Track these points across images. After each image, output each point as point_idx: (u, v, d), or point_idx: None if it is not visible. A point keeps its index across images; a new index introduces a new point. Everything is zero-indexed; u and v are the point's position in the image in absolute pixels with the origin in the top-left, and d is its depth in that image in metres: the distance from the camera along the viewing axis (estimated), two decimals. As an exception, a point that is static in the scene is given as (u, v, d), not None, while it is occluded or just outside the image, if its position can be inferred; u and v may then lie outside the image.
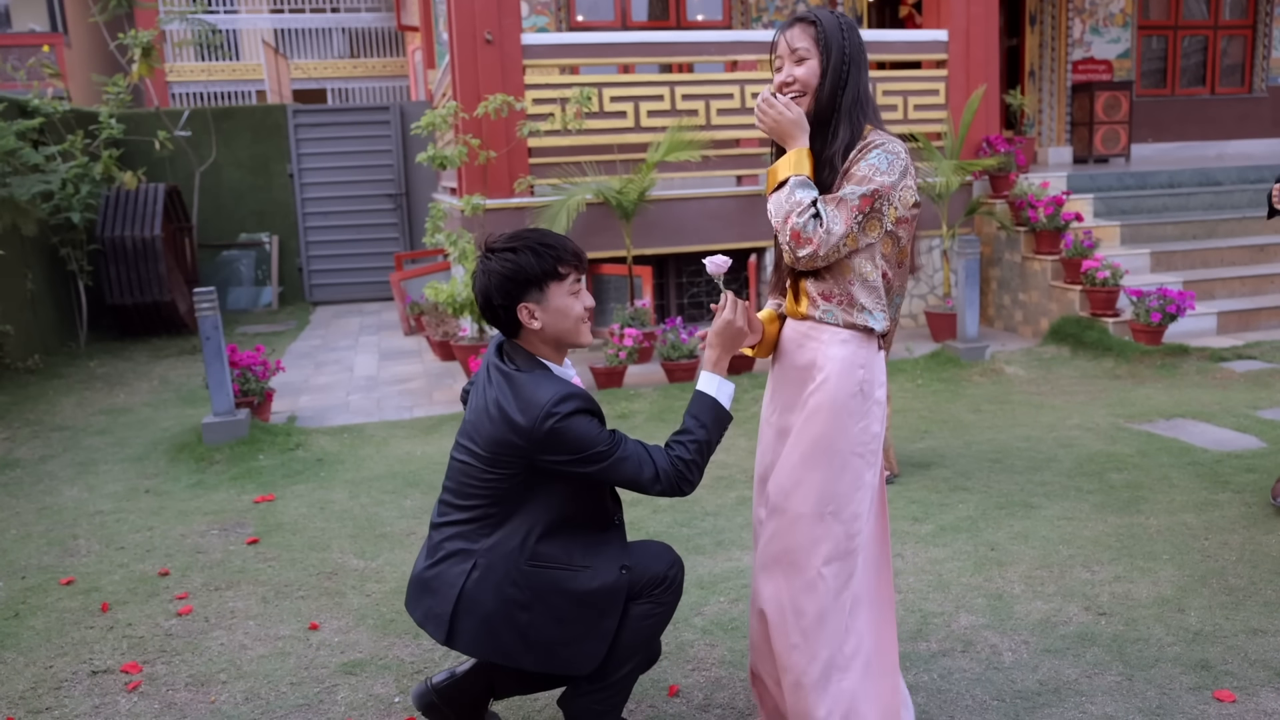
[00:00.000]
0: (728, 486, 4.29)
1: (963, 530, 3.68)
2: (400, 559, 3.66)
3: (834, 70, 2.08)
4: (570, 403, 2.05)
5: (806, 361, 2.16)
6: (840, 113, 2.08)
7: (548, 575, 2.11)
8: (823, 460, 2.11)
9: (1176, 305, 6.27)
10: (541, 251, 2.10)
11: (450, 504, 2.20)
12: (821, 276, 2.12)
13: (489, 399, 2.12)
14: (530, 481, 2.10)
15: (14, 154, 7.32)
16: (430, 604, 2.16)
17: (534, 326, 2.13)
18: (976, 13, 7.69)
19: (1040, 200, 7.17)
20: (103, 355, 8.26)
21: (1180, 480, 4.12)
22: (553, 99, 6.78)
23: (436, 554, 2.18)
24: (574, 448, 2.04)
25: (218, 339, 5.18)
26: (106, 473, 4.98)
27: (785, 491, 2.15)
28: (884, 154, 2.02)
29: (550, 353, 2.19)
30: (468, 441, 2.17)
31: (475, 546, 2.12)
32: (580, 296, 2.17)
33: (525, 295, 2.11)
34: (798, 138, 2.08)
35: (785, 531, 2.15)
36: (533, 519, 2.11)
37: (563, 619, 2.12)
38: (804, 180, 2.05)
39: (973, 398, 5.67)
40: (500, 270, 2.10)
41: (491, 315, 2.16)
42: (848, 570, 2.13)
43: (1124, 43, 11.30)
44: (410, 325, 8.66)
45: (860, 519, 2.14)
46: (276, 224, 11.17)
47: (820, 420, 2.12)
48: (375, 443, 5.28)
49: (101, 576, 3.63)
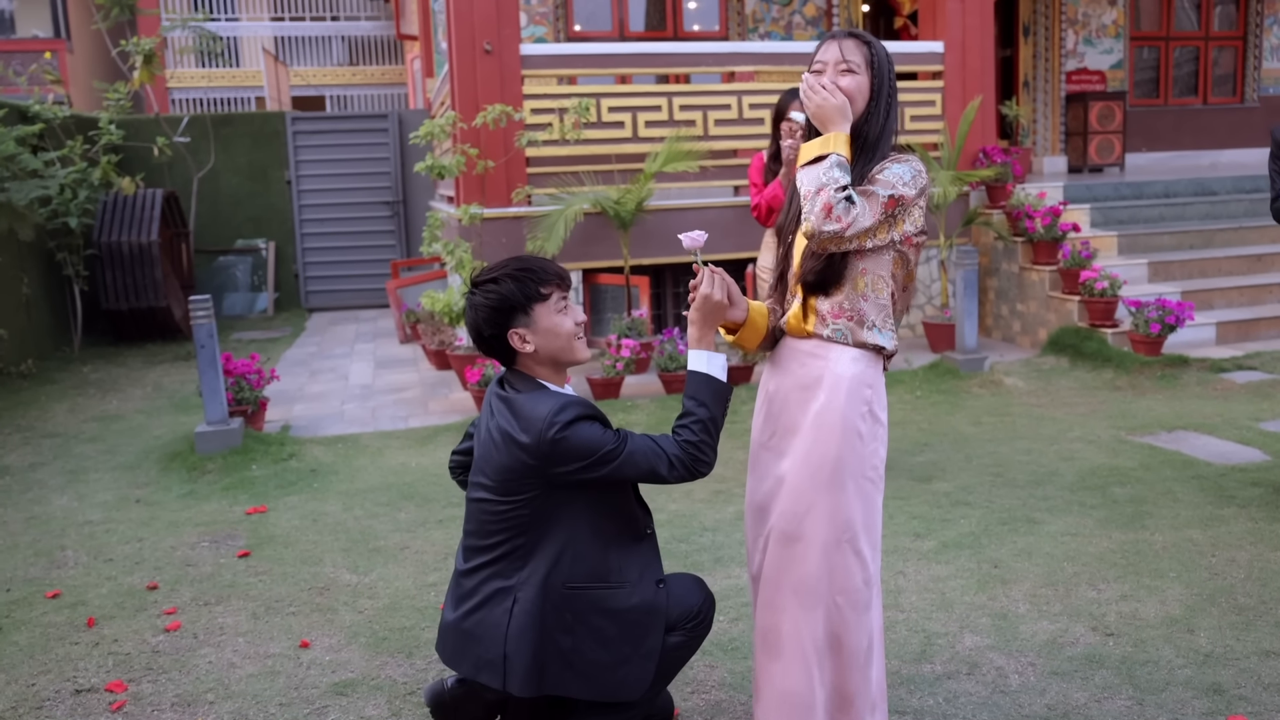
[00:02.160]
0: (726, 501, 4.24)
1: (965, 547, 3.63)
2: (394, 574, 3.60)
3: (881, 95, 2.10)
4: (570, 410, 2.06)
5: (811, 380, 2.10)
6: (880, 135, 2.09)
7: (586, 596, 2.12)
8: (835, 484, 2.05)
9: (1175, 316, 6.23)
10: (521, 277, 2.14)
11: (475, 547, 2.19)
12: (833, 293, 2.08)
13: (493, 428, 2.14)
14: (550, 504, 2.10)
15: (13, 159, 7.27)
16: (479, 652, 2.14)
17: (527, 350, 2.16)
18: (972, 24, 7.67)
19: (1037, 211, 7.14)
20: (96, 360, 8.19)
21: (1184, 495, 4.07)
22: (551, 109, 6.75)
23: (471, 599, 2.16)
24: (583, 454, 2.04)
25: (212, 347, 5.13)
26: (97, 481, 4.92)
27: (797, 517, 2.08)
28: (909, 168, 2.04)
29: (550, 374, 2.20)
30: (480, 478, 2.17)
31: (511, 582, 2.12)
32: (569, 313, 2.18)
33: (513, 322, 2.14)
34: (840, 124, 2.05)
35: (800, 560, 2.07)
36: (561, 542, 2.11)
37: (606, 640, 2.12)
38: (843, 161, 2.02)
39: (972, 410, 5.63)
40: (485, 302, 2.14)
41: (486, 347, 2.19)
42: (864, 601, 2.07)
43: (1116, 53, 11.31)
44: (406, 333, 8.60)
45: (876, 546, 2.09)
46: (273, 230, 11.12)
47: (830, 442, 2.06)
48: (370, 453, 5.22)
49: (88, 590, 3.57)
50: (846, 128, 2.05)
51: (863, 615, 2.07)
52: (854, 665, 2.09)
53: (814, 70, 2.10)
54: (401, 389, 6.80)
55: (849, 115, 2.05)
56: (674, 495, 4.33)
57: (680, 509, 4.14)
